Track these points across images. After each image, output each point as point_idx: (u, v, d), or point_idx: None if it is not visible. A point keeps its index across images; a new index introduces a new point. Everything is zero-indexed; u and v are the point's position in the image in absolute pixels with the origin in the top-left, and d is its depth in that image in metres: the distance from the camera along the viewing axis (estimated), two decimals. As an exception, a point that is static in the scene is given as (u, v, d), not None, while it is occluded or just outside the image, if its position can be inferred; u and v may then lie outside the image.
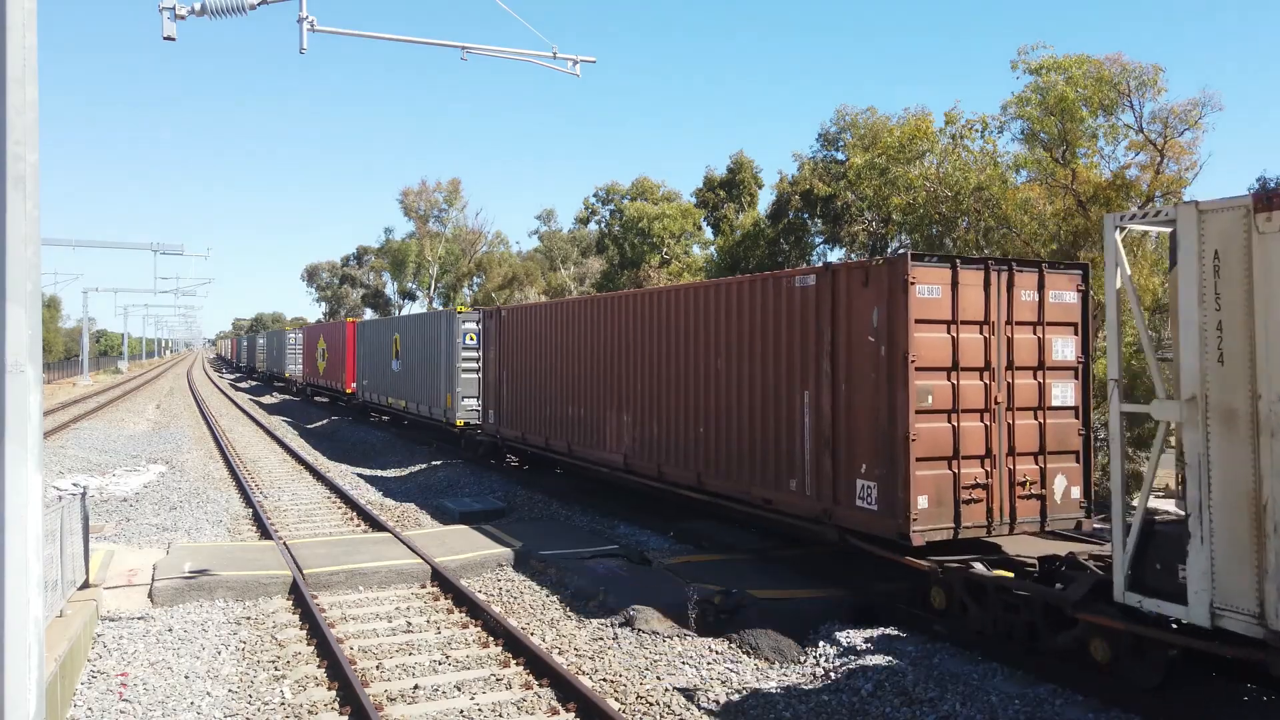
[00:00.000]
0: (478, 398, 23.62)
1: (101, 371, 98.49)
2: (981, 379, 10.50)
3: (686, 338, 14.07)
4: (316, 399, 47.82)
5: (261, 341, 79.30)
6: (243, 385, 75.26)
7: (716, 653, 9.82)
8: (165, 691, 8.67)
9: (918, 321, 10.07)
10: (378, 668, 9.20)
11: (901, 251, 15.97)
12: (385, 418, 35.43)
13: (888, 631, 9.98)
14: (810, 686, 8.95)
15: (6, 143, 4.42)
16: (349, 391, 37.46)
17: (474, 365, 23.91)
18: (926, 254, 10.78)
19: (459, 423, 24.33)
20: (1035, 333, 10.87)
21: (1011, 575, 9.48)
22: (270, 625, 10.72)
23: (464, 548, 13.66)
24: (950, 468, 10.22)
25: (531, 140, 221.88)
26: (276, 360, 62.30)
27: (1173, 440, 7.68)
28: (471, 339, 24.37)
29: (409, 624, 10.67)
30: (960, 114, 22.57)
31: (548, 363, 18.86)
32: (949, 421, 10.25)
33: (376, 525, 16.27)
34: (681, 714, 8.22)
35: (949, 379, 10.27)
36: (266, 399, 55.03)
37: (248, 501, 18.96)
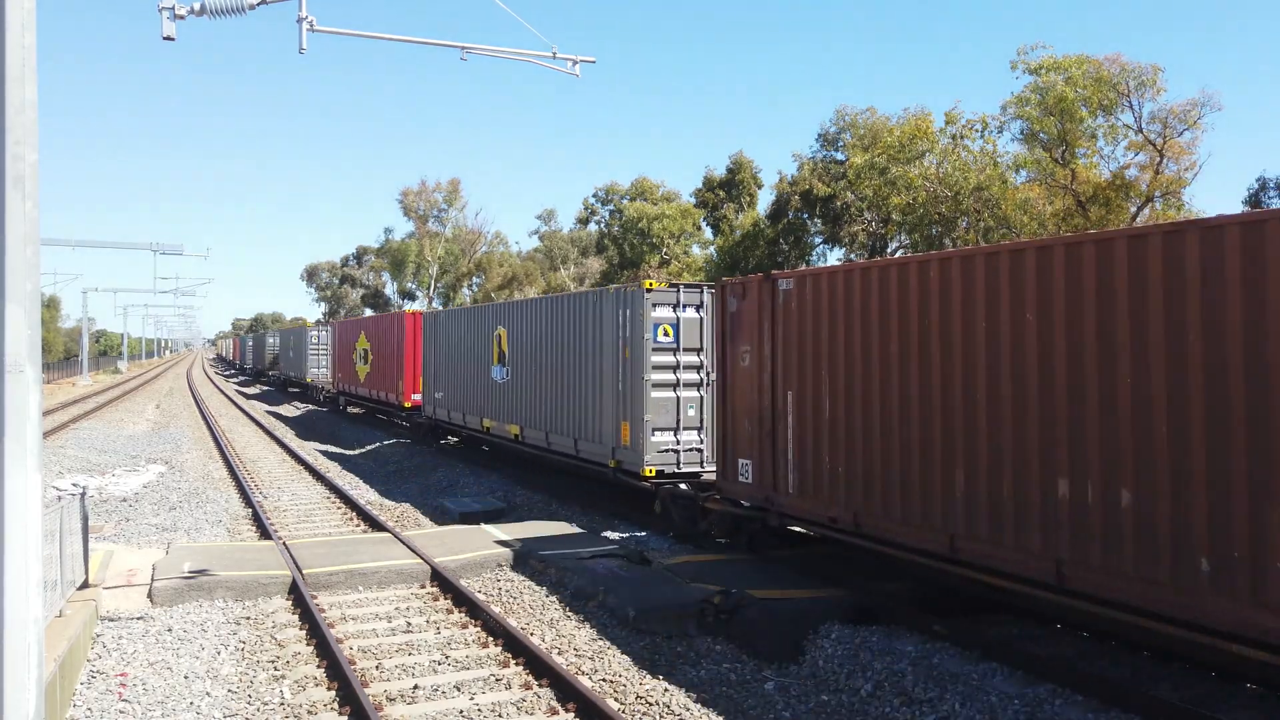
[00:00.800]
0: (675, 430, 15.62)
1: (101, 371, 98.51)
2: None
3: None
4: (351, 410, 39.92)
5: (272, 340, 68.74)
6: (251, 391, 66.29)
7: (716, 652, 9.82)
8: (165, 691, 8.67)
9: None
10: (377, 668, 9.20)
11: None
12: (453, 439, 27.29)
13: (887, 631, 9.98)
14: (809, 686, 8.95)
15: (6, 142, 4.43)
16: (407, 405, 29.35)
17: (669, 378, 15.65)
18: None
19: (647, 471, 15.46)
20: None
21: None
22: (270, 625, 10.72)
23: (463, 548, 13.65)
24: None
25: (531, 140, 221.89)
26: (294, 363, 54.69)
27: None
28: (666, 334, 15.67)
29: (409, 624, 10.67)
30: (960, 114, 22.62)
31: (982, 376, 9.18)
32: None
33: (376, 525, 16.27)
34: (681, 714, 8.22)
35: None
36: (285, 409, 47.25)
37: (247, 501, 18.95)
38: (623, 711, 8.22)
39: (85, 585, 10.54)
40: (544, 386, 19.24)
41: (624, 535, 15.22)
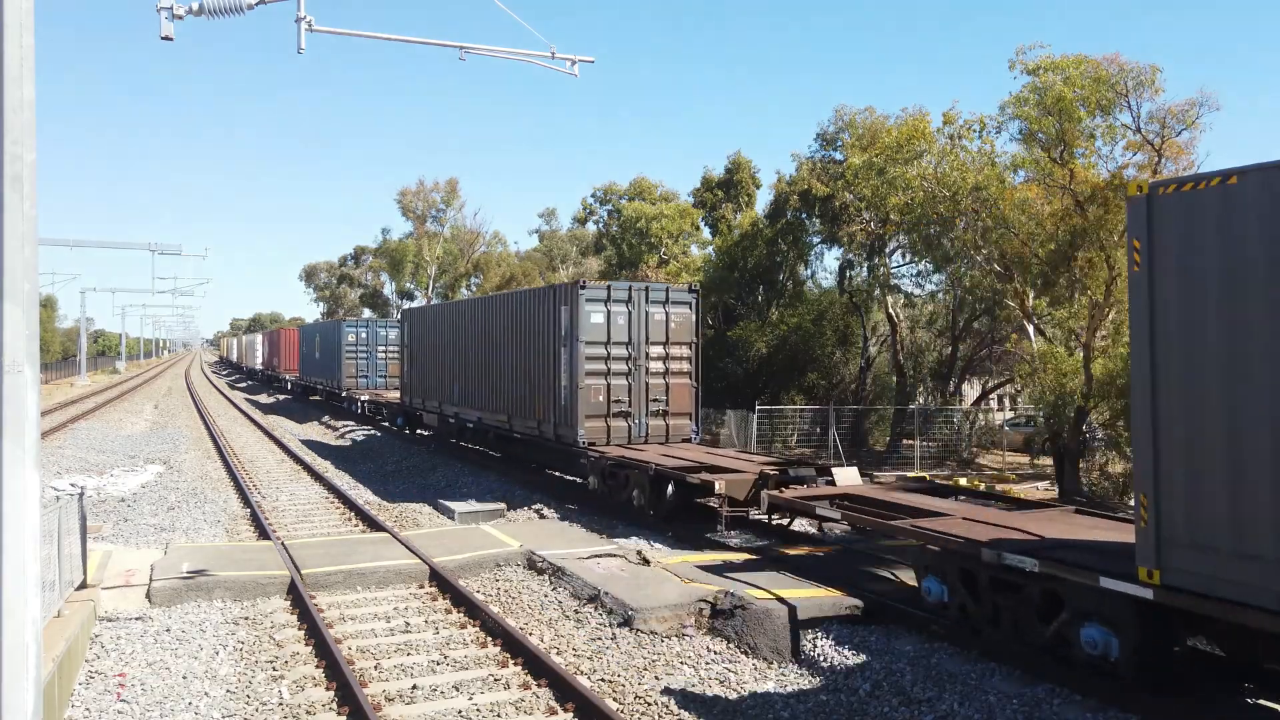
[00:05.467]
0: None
1: (99, 372, 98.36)
2: None
3: None
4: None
5: (429, 327, 28.01)
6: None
7: (715, 653, 9.82)
8: (163, 692, 8.66)
9: None
10: (376, 668, 9.19)
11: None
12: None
13: (886, 631, 9.98)
14: (808, 686, 8.95)
15: (4, 142, 4.42)
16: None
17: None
18: None
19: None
20: None
21: None
22: (268, 625, 10.71)
23: (462, 548, 13.65)
24: None
25: (530, 140, 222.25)
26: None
27: None
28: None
29: (407, 624, 10.66)
30: (958, 114, 22.59)
31: None
32: None
33: (374, 525, 16.25)
34: (680, 714, 8.22)
35: None
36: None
37: (245, 501, 18.93)
38: (621, 711, 8.21)
39: (83, 585, 10.52)
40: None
41: (623, 535, 15.21)
